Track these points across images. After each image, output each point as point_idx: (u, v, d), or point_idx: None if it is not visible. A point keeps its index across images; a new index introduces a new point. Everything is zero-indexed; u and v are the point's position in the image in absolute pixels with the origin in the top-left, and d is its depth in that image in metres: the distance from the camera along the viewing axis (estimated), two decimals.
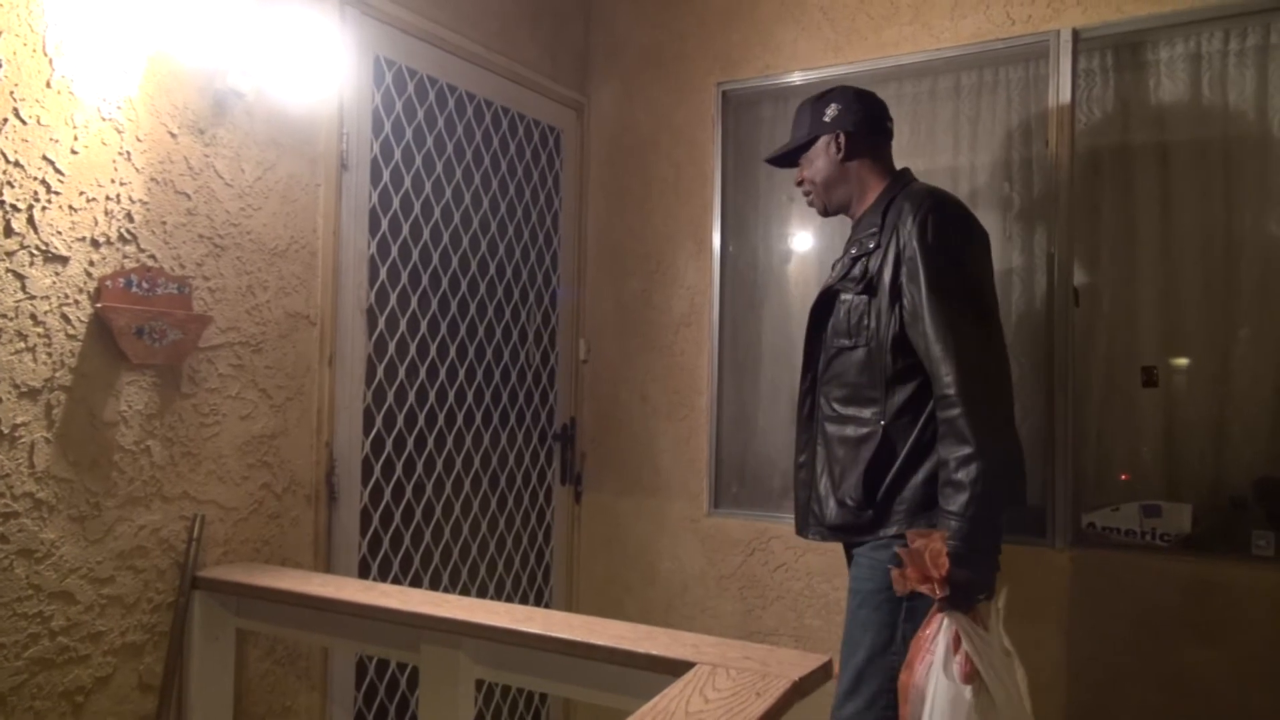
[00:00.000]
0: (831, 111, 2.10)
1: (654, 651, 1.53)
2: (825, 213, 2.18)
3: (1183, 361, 2.50)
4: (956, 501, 1.73)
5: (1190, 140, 2.49)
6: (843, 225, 2.23)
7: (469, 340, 2.88)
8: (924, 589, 1.70)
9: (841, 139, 2.08)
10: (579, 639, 1.59)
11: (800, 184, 2.20)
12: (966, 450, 1.73)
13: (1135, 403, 2.52)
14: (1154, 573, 2.39)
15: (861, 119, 2.08)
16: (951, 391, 1.76)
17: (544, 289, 3.21)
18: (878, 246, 1.94)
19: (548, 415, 3.24)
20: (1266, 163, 2.40)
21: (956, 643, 1.67)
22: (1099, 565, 2.46)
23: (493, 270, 2.97)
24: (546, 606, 3.21)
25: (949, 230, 1.89)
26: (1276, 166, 2.40)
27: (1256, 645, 2.26)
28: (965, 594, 1.70)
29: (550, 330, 3.24)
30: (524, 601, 3.11)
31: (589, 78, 3.38)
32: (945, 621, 1.69)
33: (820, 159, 2.11)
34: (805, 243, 3.06)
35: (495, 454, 3.00)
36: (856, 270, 1.98)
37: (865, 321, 1.94)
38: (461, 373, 2.85)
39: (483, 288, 2.93)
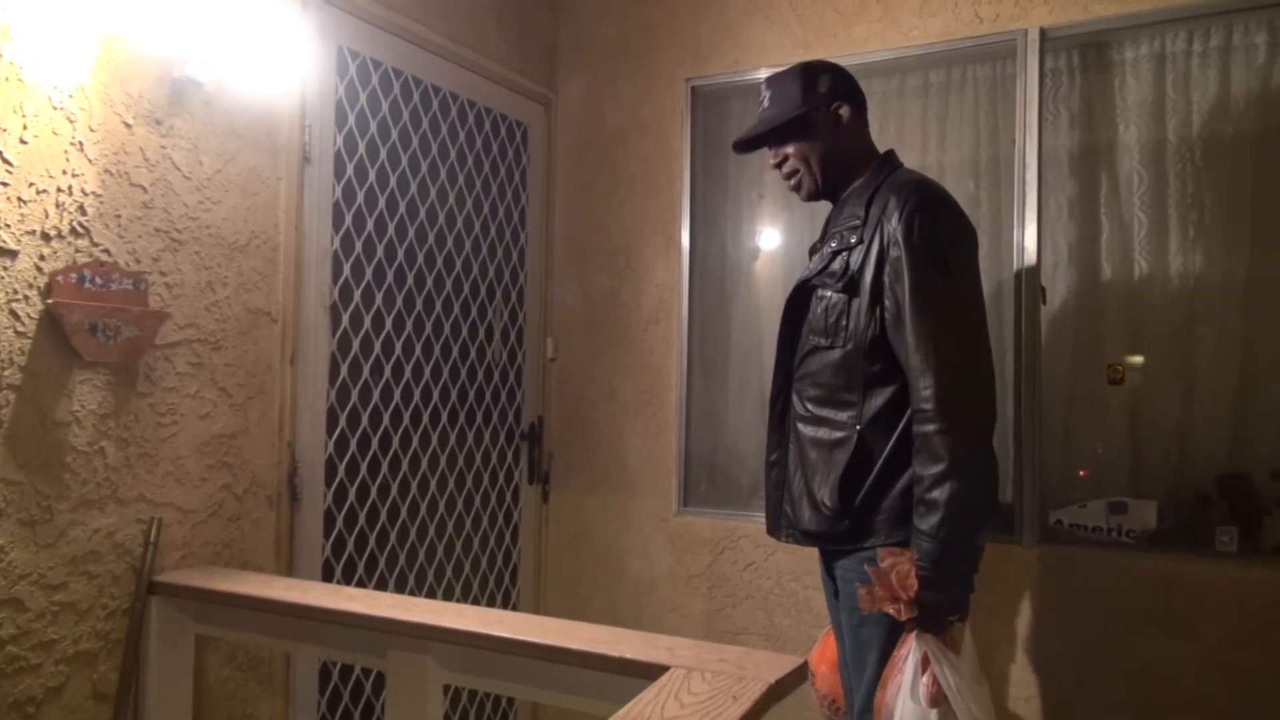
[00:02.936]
0: (826, 82, 1.96)
1: (627, 655, 1.50)
2: (815, 195, 2.01)
3: (1147, 360, 2.52)
4: (928, 521, 1.69)
5: (1154, 140, 2.52)
6: (815, 220, 2.20)
7: (435, 338, 2.83)
8: (891, 610, 1.67)
9: (845, 110, 1.96)
10: (550, 643, 1.56)
11: (780, 165, 2.01)
12: (940, 468, 1.68)
13: (1101, 400, 2.54)
14: (1120, 569, 2.41)
15: (855, 91, 1.99)
16: (929, 406, 1.71)
17: (510, 286, 3.17)
18: (860, 241, 1.85)
19: (515, 414, 3.20)
20: (1230, 162, 2.43)
21: (925, 664, 1.65)
22: (1066, 562, 2.48)
23: (459, 267, 2.93)
24: (513, 607, 3.18)
25: (937, 229, 1.79)
26: (1238, 166, 2.42)
27: (1220, 639, 2.29)
28: (935, 616, 1.67)
29: (517, 328, 3.20)
30: (491, 602, 3.07)
31: (556, 71, 3.34)
32: (915, 643, 1.68)
33: (815, 134, 1.96)
34: (775, 239, 3.05)
35: (461, 453, 2.95)
36: (836, 265, 1.89)
37: (843, 321, 1.86)
38: (427, 371, 2.80)
39: (449, 284, 2.88)
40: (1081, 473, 2.56)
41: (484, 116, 3.04)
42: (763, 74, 2.93)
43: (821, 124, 1.97)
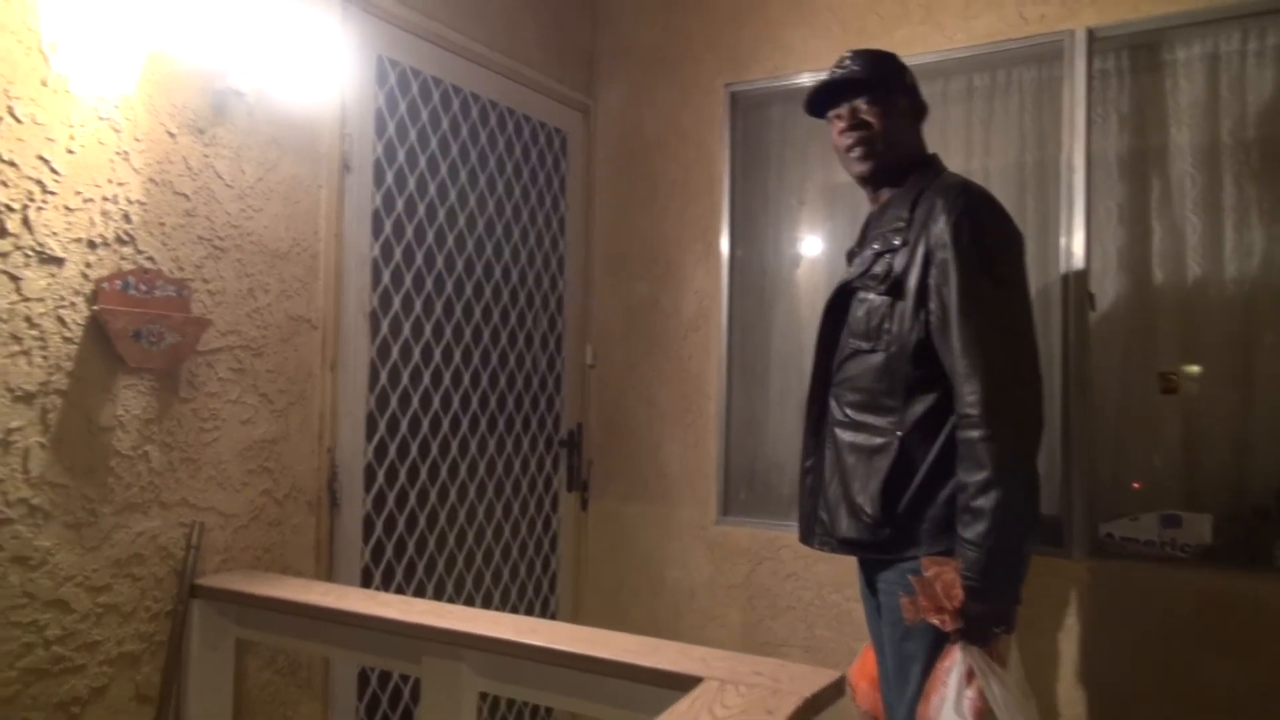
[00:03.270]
0: (910, 76, 1.99)
1: (661, 666, 1.48)
2: (871, 172, 1.94)
3: (1202, 368, 2.44)
4: (973, 530, 1.65)
5: (1208, 142, 2.44)
6: (856, 226, 2.16)
7: (474, 345, 2.84)
8: (935, 620, 1.63)
9: (920, 101, 1.99)
10: (583, 652, 1.55)
11: (853, 123, 1.93)
12: (984, 475, 1.65)
13: (1153, 410, 2.47)
14: (1174, 585, 2.34)
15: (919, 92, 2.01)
16: (974, 412, 1.67)
17: (550, 292, 3.17)
18: (904, 244, 1.82)
19: (554, 421, 3.20)
20: None
21: (970, 677, 1.61)
22: (1117, 576, 2.41)
23: (498, 274, 2.93)
24: (552, 615, 3.17)
25: (986, 233, 1.76)
26: None
27: None
28: (980, 627, 1.63)
29: (557, 334, 3.20)
30: (529, 610, 3.07)
31: (595, 79, 3.34)
32: (960, 655, 1.63)
33: (895, 111, 1.92)
34: (815, 246, 3.02)
35: (500, 460, 2.95)
36: (879, 268, 1.86)
37: (886, 325, 1.83)
38: (466, 378, 2.81)
39: (488, 292, 2.89)
40: (1136, 485, 2.49)
41: (523, 124, 3.05)
42: (804, 79, 2.91)
43: (901, 105, 1.95)
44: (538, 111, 3.10)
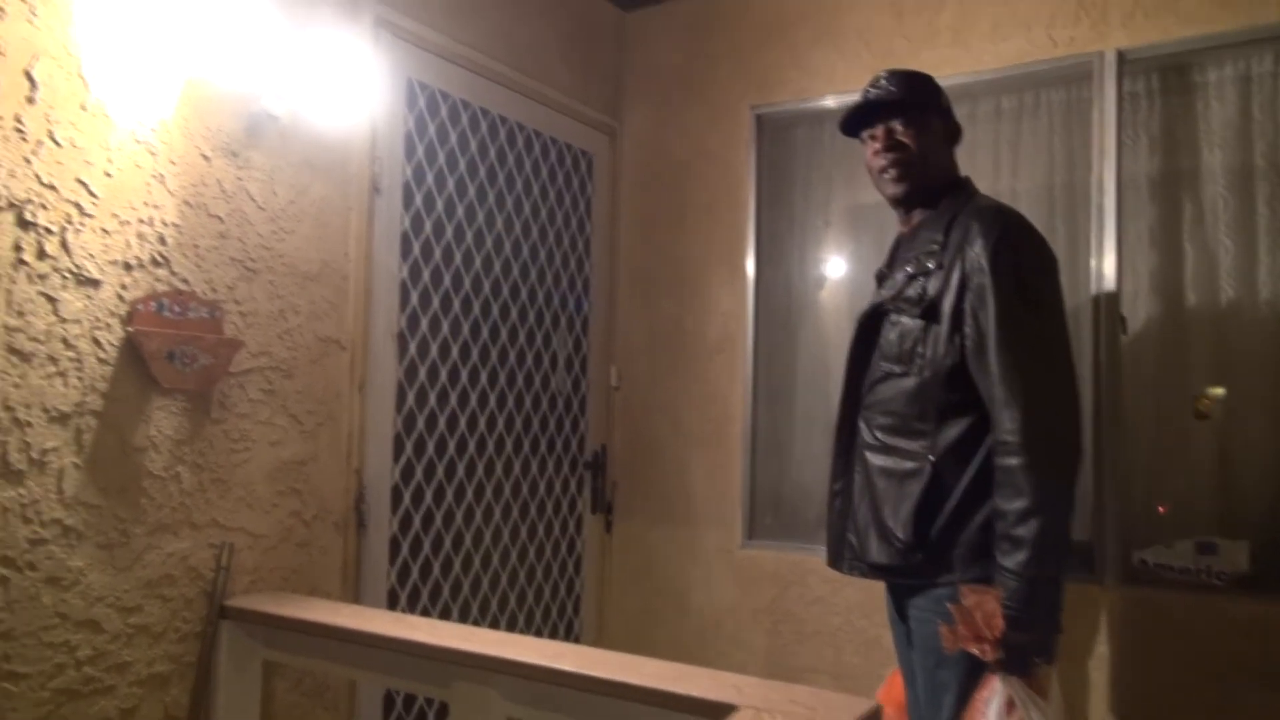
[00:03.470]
0: (946, 100, 1.98)
1: (694, 693, 1.47)
2: (905, 194, 1.92)
3: (1237, 391, 2.41)
4: (1014, 559, 1.63)
5: (1240, 164, 2.42)
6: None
7: (500, 366, 2.84)
8: (975, 650, 1.61)
9: (954, 123, 1.98)
10: (616, 678, 1.53)
11: (888, 144, 1.92)
12: (1024, 504, 1.63)
13: (1187, 434, 2.44)
14: (1210, 613, 2.30)
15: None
16: (1013, 439, 1.65)
17: (575, 314, 3.18)
18: (939, 267, 1.80)
19: (578, 442, 3.19)
20: None
21: (1010, 708, 1.58)
22: (1151, 605, 2.37)
23: (524, 295, 2.94)
24: (576, 638, 3.15)
25: (1023, 257, 1.75)
26: None
27: None
28: (1021, 658, 1.61)
29: (581, 356, 3.20)
30: (553, 634, 3.05)
31: (621, 101, 3.36)
32: (1000, 685, 1.61)
33: (931, 132, 1.92)
34: (841, 268, 3.01)
35: (525, 482, 2.95)
36: (912, 291, 1.84)
37: (920, 348, 1.81)
38: (492, 399, 2.81)
39: (514, 313, 2.90)
40: (1161, 508, 2.45)
41: (549, 146, 3.06)
42: (830, 101, 2.91)
43: (936, 127, 1.94)
44: (564, 133, 3.12)
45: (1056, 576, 1.67)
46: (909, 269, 1.89)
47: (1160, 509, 2.46)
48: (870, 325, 1.96)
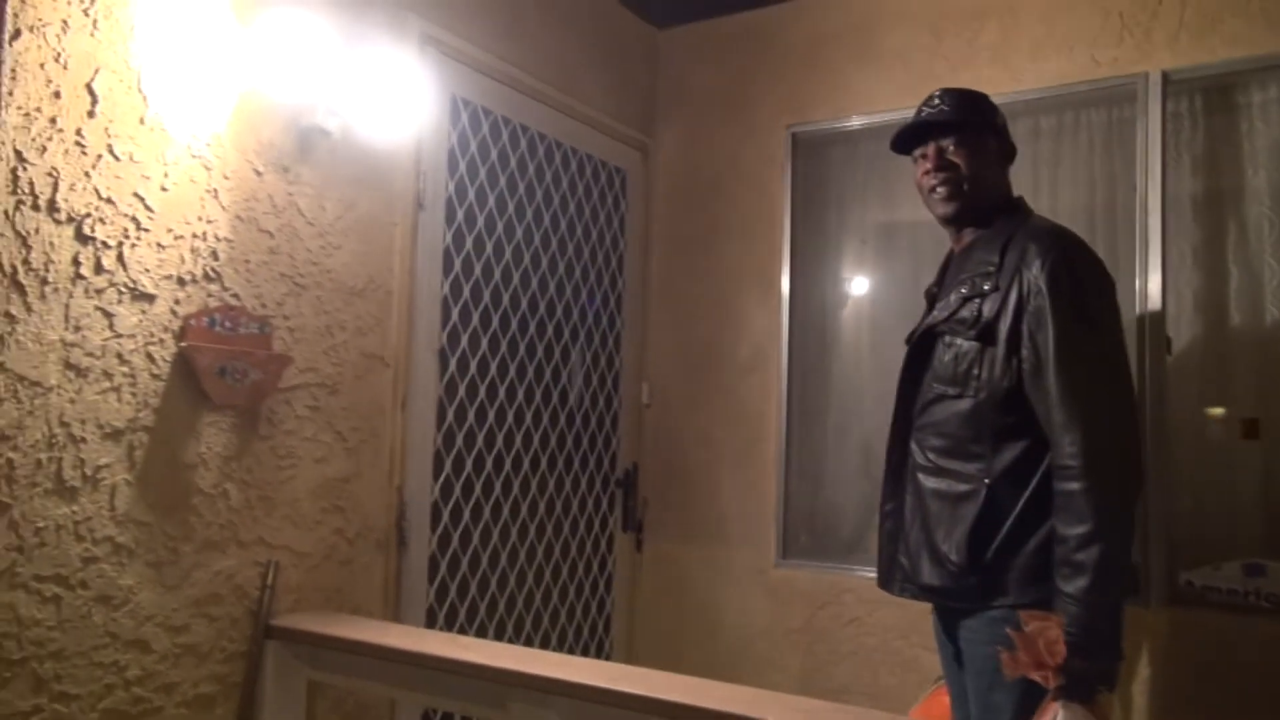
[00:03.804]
0: (1001, 119, 1.96)
1: (765, 717, 1.44)
2: (955, 213, 1.90)
3: None
4: (1075, 585, 1.60)
5: None
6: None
7: (536, 383, 2.82)
8: (1037, 676, 1.58)
9: (1009, 143, 1.96)
10: (685, 702, 1.50)
11: (939, 164, 1.90)
12: (1085, 529, 1.60)
13: (1235, 455, 2.42)
14: (1258, 637, 2.27)
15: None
16: (1075, 463, 1.63)
17: (608, 331, 3.16)
18: (995, 288, 1.78)
19: (610, 460, 3.17)
20: None
21: None
22: (1198, 627, 2.34)
23: (559, 312, 2.92)
24: (607, 658, 3.12)
25: (1082, 279, 1.73)
26: None
27: None
28: (1084, 685, 1.58)
29: (614, 373, 3.18)
30: (584, 652, 3.02)
31: (655, 118, 3.35)
32: (1061, 714, 1.58)
33: (984, 152, 1.90)
34: (876, 287, 2.99)
35: (558, 500, 2.92)
36: (966, 312, 1.82)
37: (975, 370, 1.79)
38: (528, 416, 2.79)
39: (550, 329, 2.88)
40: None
41: (585, 163, 3.05)
42: (867, 120, 2.91)
43: (990, 147, 1.93)
44: (598, 150, 3.11)
45: (1118, 602, 1.65)
46: (963, 290, 1.86)
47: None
48: (922, 346, 1.94)
